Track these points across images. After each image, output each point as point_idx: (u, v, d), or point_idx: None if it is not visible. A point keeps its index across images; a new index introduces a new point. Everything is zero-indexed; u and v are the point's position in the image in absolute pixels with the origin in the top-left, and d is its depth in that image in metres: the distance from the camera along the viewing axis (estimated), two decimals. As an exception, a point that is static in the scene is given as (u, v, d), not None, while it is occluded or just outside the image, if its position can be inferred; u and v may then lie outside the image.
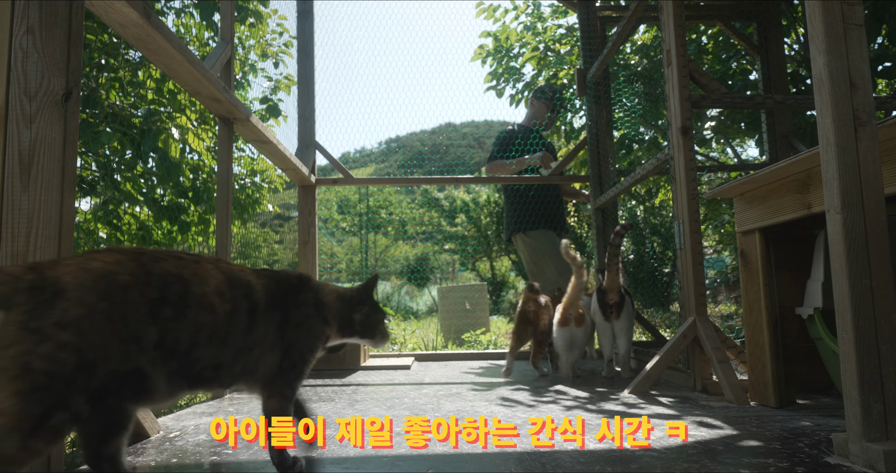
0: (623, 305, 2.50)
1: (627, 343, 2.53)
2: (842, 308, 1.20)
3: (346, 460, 1.25)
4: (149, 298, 0.91)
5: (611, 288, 2.50)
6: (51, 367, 0.79)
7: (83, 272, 0.86)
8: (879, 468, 1.08)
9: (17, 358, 0.78)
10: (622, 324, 2.50)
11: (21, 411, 0.77)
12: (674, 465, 1.17)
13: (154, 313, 0.91)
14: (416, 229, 10.07)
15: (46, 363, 0.79)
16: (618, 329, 2.52)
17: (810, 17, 1.28)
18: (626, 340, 2.52)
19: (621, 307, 2.49)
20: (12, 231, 1.18)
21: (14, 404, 0.76)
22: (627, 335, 2.51)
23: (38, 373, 0.78)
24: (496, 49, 5.65)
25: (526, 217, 3.73)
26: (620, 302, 2.50)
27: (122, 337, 0.87)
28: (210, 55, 2.30)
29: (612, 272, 2.49)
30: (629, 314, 2.52)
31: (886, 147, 1.35)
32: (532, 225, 3.72)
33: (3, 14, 1.22)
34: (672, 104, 2.29)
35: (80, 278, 0.85)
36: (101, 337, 0.85)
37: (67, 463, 1.24)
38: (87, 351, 0.83)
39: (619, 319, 2.50)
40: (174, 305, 0.93)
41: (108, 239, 3.46)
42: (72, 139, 1.24)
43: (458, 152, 6.02)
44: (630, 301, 2.57)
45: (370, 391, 2.26)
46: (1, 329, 0.79)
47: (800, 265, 1.90)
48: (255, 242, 10.65)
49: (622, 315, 2.49)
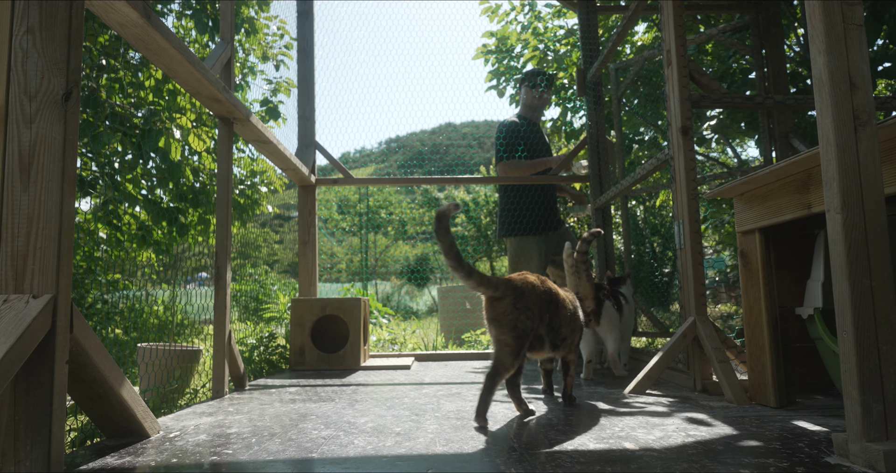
0: (601, 311, 2.47)
1: (614, 343, 2.51)
2: (842, 308, 1.20)
3: (346, 460, 1.25)
4: (545, 299, 1.71)
5: (585, 295, 2.42)
6: (524, 326, 1.62)
7: (525, 283, 1.67)
8: (879, 468, 1.08)
9: (512, 320, 1.61)
10: (604, 328, 2.48)
11: (514, 343, 1.60)
12: (674, 465, 1.17)
13: (547, 307, 1.71)
14: (416, 229, 10.07)
15: (523, 324, 1.62)
16: (602, 333, 2.50)
17: (810, 17, 1.28)
18: (613, 340, 2.50)
19: (599, 313, 2.46)
20: (12, 231, 1.18)
21: (511, 340, 1.60)
22: (613, 336, 2.50)
23: (519, 328, 1.61)
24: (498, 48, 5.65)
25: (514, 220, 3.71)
26: (598, 308, 2.46)
27: (538, 316, 1.67)
28: (210, 55, 2.30)
29: (581, 279, 2.40)
30: (612, 317, 2.49)
31: (886, 147, 1.35)
32: (518, 229, 3.69)
33: (3, 14, 1.23)
34: (672, 104, 2.29)
35: (525, 285, 1.67)
36: (534, 314, 1.65)
37: (67, 463, 1.24)
38: (532, 320, 1.64)
39: (601, 325, 2.47)
40: (554, 304, 1.75)
41: (108, 239, 3.46)
42: (72, 139, 1.24)
43: (458, 152, 6.02)
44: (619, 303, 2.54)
45: (370, 391, 2.26)
46: (503, 307, 1.62)
47: (800, 265, 1.90)
48: (255, 242, 10.66)
49: (602, 320, 2.47)
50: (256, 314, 6.21)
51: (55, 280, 1.18)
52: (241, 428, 1.58)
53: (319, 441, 1.42)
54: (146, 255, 4.02)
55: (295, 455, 1.30)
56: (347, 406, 1.90)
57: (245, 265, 4.81)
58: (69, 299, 1.22)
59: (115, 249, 3.72)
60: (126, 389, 1.40)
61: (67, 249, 1.22)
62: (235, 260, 4.31)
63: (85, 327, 1.28)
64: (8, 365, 1.04)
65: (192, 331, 4.11)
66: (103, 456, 1.30)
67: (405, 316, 8.18)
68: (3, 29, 1.22)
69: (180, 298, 3.80)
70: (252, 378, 2.80)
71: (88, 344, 1.28)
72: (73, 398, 1.35)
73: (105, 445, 1.40)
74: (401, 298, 12.68)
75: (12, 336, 1.06)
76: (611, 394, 2.10)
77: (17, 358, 1.07)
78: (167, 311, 4.31)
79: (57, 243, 1.19)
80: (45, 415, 1.12)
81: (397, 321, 6.29)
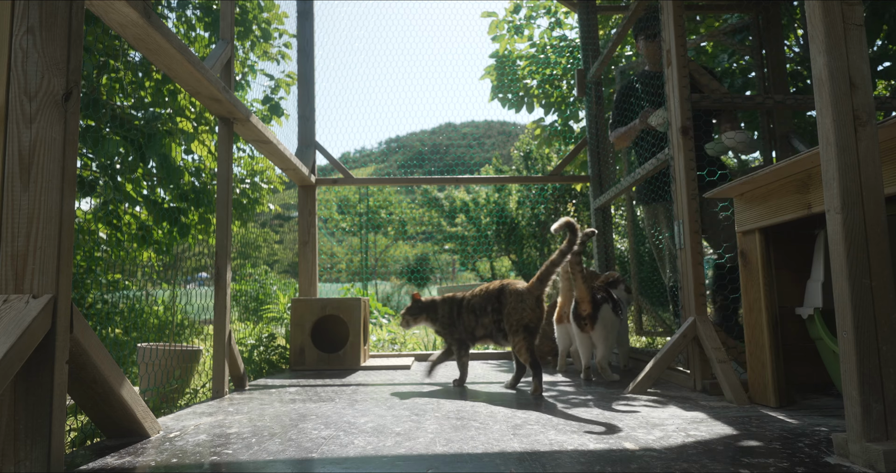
0: (597, 316, 2.37)
1: (605, 350, 2.40)
2: (842, 308, 1.20)
3: (346, 460, 1.25)
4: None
5: (581, 298, 2.38)
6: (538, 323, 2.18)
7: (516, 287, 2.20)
8: (879, 468, 1.08)
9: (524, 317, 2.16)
10: (598, 334, 2.38)
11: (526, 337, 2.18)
12: (674, 465, 1.17)
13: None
14: (416, 229, 10.08)
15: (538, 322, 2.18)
16: (595, 338, 2.40)
17: (810, 17, 1.28)
18: (604, 347, 2.39)
19: (595, 318, 2.37)
20: (12, 231, 1.18)
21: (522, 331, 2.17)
22: (606, 343, 2.40)
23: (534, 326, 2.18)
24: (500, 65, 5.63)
25: (643, 187, 3.20)
26: (594, 312, 2.37)
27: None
28: (210, 55, 2.30)
29: (577, 281, 2.36)
30: (606, 324, 2.38)
31: (886, 147, 1.35)
32: (644, 198, 3.22)
33: (3, 14, 1.23)
34: (672, 104, 2.29)
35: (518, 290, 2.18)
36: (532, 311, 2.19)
37: (67, 463, 1.24)
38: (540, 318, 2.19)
39: (595, 330, 2.38)
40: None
41: (108, 239, 3.46)
42: (72, 139, 1.24)
43: (458, 152, 6.02)
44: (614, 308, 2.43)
45: (370, 391, 2.26)
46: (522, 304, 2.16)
47: (800, 265, 1.90)
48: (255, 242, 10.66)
49: (597, 325, 2.37)
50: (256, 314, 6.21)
51: (55, 280, 1.18)
52: (241, 428, 1.58)
53: (319, 441, 1.42)
54: (146, 255, 4.02)
55: (295, 455, 1.30)
56: (347, 406, 1.90)
57: (245, 265, 4.81)
58: (69, 299, 1.22)
59: (115, 249, 3.72)
60: (126, 389, 1.40)
61: (67, 249, 1.22)
62: (235, 260, 4.31)
63: (85, 327, 1.28)
64: (8, 365, 1.04)
65: (192, 331, 4.11)
66: (103, 456, 1.30)
67: (405, 316, 8.16)
68: (3, 29, 1.22)
69: (180, 298, 3.80)
70: (252, 378, 2.80)
71: (88, 344, 1.28)
72: (73, 398, 1.35)
73: (105, 445, 1.40)
74: (401, 298, 12.69)
75: (12, 336, 1.06)
76: (611, 394, 2.10)
77: (17, 359, 1.07)
78: (167, 311, 4.31)
79: (57, 243, 1.19)
80: (45, 415, 1.12)
81: (397, 321, 6.28)
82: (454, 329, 2.38)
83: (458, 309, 2.37)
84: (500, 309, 2.23)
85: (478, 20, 5.68)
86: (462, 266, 12.22)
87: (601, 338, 2.39)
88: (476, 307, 2.31)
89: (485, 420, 1.64)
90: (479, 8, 5.79)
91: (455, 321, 2.38)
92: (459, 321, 2.36)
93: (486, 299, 2.28)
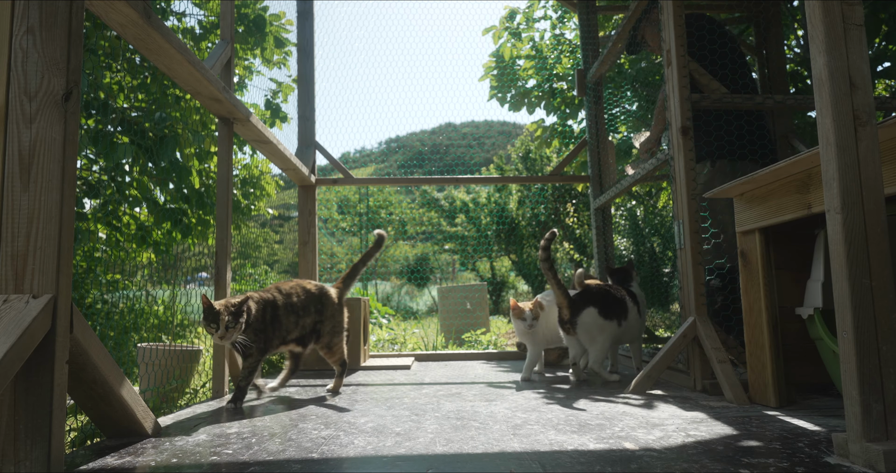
0: (576, 321, 2.31)
1: (595, 354, 2.34)
2: (842, 308, 1.20)
3: (346, 460, 1.25)
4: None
5: (559, 304, 2.34)
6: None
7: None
8: (879, 468, 1.08)
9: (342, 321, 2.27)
10: (583, 338, 2.33)
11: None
12: (674, 465, 1.17)
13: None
14: (416, 229, 10.08)
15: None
16: (582, 342, 2.36)
17: (810, 17, 1.28)
18: (595, 351, 2.33)
19: (574, 323, 2.31)
20: (12, 231, 1.18)
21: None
22: (596, 347, 2.33)
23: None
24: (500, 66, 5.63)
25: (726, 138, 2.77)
26: (573, 317, 2.31)
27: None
28: (210, 55, 2.30)
29: (553, 287, 2.32)
30: (589, 328, 2.31)
31: (886, 147, 1.35)
32: (728, 154, 2.77)
33: (3, 14, 1.23)
34: (672, 104, 2.29)
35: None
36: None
37: (67, 463, 1.24)
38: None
39: (578, 333, 2.33)
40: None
41: (107, 239, 3.46)
42: (72, 139, 1.24)
43: (458, 152, 6.02)
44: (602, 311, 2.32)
45: (370, 391, 2.26)
46: (338, 312, 2.27)
47: (800, 265, 1.90)
48: (255, 242, 10.66)
49: (578, 329, 2.31)
50: (256, 314, 6.17)
51: (55, 280, 1.18)
52: (240, 428, 1.58)
53: (319, 441, 1.42)
54: (146, 256, 4.02)
55: (295, 455, 1.30)
56: (347, 406, 1.90)
57: (245, 265, 4.80)
58: (69, 299, 1.22)
59: (114, 249, 3.72)
60: (126, 389, 1.40)
61: (67, 249, 1.22)
62: (235, 261, 4.30)
63: (85, 327, 1.28)
64: (8, 365, 1.04)
65: (192, 331, 4.10)
66: (103, 456, 1.30)
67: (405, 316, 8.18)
68: (3, 29, 1.22)
69: (180, 298, 3.80)
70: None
71: (88, 344, 1.28)
72: (73, 398, 1.35)
73: (105, 445, 1.40)
74: (401, 298, 12.69)
75: (12, 336, 1.06)
76: (611, 394, 2.10)
77: (17, 359, 1.07)
78: (167, 311, 4.30)
79: (57, 243, 1.19)
80: (45, 415, 1.12)
81: (397, 321, 6.29)
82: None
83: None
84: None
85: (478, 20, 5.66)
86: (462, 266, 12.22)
87: (587, 342, 2.34)
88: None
89: (485, 420, 1.64)
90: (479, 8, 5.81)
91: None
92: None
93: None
